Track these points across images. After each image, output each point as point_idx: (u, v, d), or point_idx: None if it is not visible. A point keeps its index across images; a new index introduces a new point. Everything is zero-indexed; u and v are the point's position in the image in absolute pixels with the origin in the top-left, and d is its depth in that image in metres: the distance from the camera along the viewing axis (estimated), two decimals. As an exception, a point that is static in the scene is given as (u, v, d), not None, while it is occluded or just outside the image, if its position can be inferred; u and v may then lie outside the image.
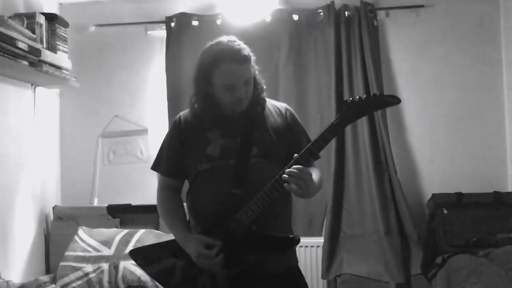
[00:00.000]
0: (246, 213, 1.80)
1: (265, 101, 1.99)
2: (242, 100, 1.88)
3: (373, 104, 1.77)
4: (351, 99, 1.76)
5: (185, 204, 2.05)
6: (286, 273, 1.92)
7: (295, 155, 1.76)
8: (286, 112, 2.01)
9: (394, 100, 1.76)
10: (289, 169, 1.72)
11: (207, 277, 1.87)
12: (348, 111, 1.76)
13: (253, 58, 1.90)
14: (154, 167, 2.07)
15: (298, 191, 1.74)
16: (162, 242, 2.16)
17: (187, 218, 2.01)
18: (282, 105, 2.04)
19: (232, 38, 1.90)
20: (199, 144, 1.92)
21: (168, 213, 2.02)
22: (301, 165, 1.74)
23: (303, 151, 1.76)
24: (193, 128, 1.96)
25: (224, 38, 1.89)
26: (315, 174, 1.86)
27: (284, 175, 1.72)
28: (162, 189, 2.05)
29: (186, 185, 2.05)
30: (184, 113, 2.03)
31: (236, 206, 1.82)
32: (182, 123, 1.99)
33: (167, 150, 2.03)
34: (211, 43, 1.90)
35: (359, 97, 1.75)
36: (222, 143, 1.90)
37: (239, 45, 1.86)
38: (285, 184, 1.73)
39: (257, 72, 1.96)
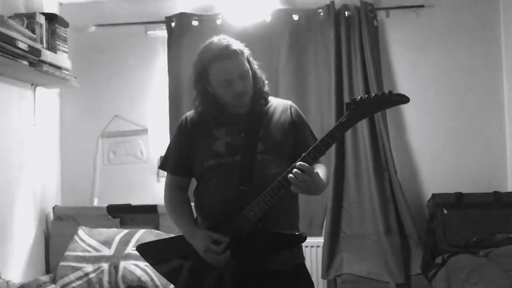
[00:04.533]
0: (253, 209, 1.81)
1: (268, 95, 2.02)
2: (242, 94, 1.90)
3: (381, 102, 1.77)
4: (360, 97, 1.76)
5: (192, 204, 2.06)
6: (293, 270, 1.93)
7: (303, 154, 1.77)
8: (290, 109, 2.02)
9: (403, 99, 1.76)
10: (295, 170, 1.73)
11: (214, 273, 1.88)
12: (356, 110, 1.76)
13: (246, 52, 1.94)
14: (162, 166, 2.09)
15: (299, 191, 1.77)
16: (169, 238, 2.18)
17: (194, 215, 2.02)
18: (286, 102, 2.06)
19: (222, 36, 1.95)
20: (206, 142, 1.94)
21: (175, 209, 2.04)
22: (308, 162, 1.75)
23: (311, 148, 1.77)
24: (199, 127, 1.99)
25: (214, 38, 1.95)
26: (321, 171, 1.87)
27: (290, 175, 1.73)
28: (169, 187, 2.07)
29: (193, 184, 2.07)
30: (190, 113, 2.06)
31: (243, 203, 1.82)
32: (189, 122, 2.02)
33: (174, 149, 2.05)
34: (203, 44, 1.96)
35: (368, 96, 1.76)
36: (228, 140, 1.92)
37: (227, 41, 1.91)
38: (291, 186, 1.75)
39: (256, 67, 1.99)
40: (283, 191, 1.78)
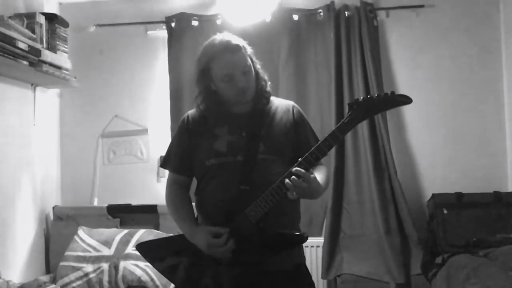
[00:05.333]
0: (255, 210, 1.81)
1: (269, 94, 2.02)
2: (244, 90, 1.90)
3: (384, 103, 1.76)
4: (362, 98, 1.76)
5: (193, 203, 2.06)
6: (293, 270, 1.93)
7: (306, 154, 1.77)
8: (293, 109, 2.02)
9: (406, 100, 1.75)
10: (292, 177, 1.73)
11: (213, 272, 1.88)
12: (359, 110, 1.75)
13: (248, 49, 1.95)
14: (163, 165, 2.09)
15: (295, 197, 1.77)
16: (169, 237, 2.18)
17: (195, 215, 2.02)
18: (289, 103, 2.06)
19: (225, 33, 1.97)
20: (207, 140, 1.94)
21: (176, 208, 2.04)
22: (310, 163, 1.75)
23: (313, 148, 1.77)
24: (201, 126, 1.99)
25: (217, 35, 1.96)
26: (321, 174, 1.88)
27: (287, 182, 1.73)
28: (171, 186, 2.07)
29: (194, 183, 2.06)
30: (192, 112, 2.06)
31: (243, 203, 1.82)
32: (190, 121, 2.02)
33: (176, 147, 2.05)
34: (206, 42, 1.97)
35: (371, 96, 1.76)
36: (229, 139, 1.92)
37: (230, 37, 1.93)
38: (288, 192, 1.75)
39: (259, 66, 2.00)
40: (285, 191, 1.77)
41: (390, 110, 3.36)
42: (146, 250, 2.06)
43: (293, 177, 1.73)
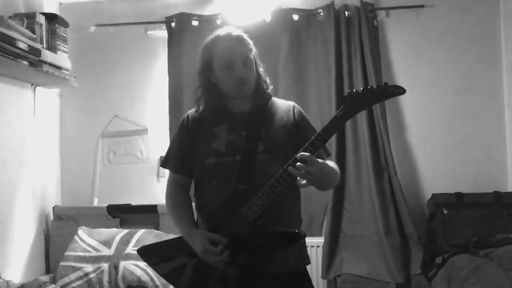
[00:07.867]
0: (251, 208, 1.80)
1: (270, 95, 2.02)
2: (243, 81, 1.91)
3: (377, 95, 1.74)
4: (354, 90, 1.74)
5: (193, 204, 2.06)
6: (294, 273, 1.92)
7: (300, 150, 1.75)
8: (293, 110, 2.02)
9: (399, 90, 1.73)
10: (298, 163, 1.71)
11: (215, 274, 1.87)
12: (351, 103, 1.74)
13: (254, 49, 1.98)
14: (163, 164, 2.09)
15: (305, 185, 1.75)
16: (170, 239, 2.17)
17: (195, 216, 2.02)
18: (290, 103, 2.06)
19: (231, 27, 2.02)
20: (206, 140, 1.94)
21: (175, 208, 2.04)
22: None
23: (307, 144, 1.75)
24: (200, 125, 1.99)
25: (224, 28, 2.01)
26: (329, 162, 1.87)
27: (290, 168, 1.72)
28: (171, 186, 2.07)
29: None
30: (191, 111, 2.07)
31: (241, 202, 1.82)
32: (190, 120, 2.02)
33: (176, 147, 2.05)
34: (212, 35, 2.00)
35: (363, 89, 1.73)
36: (228, 139, 1.92)
37: (236, 31, 1.98)
38: (296, 181, 1.74)
39: (262, 69, 2.01)
40: (280, 188, 1.77)
41: (390, 110, 3.44)
42: (148, 253, 2.05)
43: (298, 163, 1.71)
